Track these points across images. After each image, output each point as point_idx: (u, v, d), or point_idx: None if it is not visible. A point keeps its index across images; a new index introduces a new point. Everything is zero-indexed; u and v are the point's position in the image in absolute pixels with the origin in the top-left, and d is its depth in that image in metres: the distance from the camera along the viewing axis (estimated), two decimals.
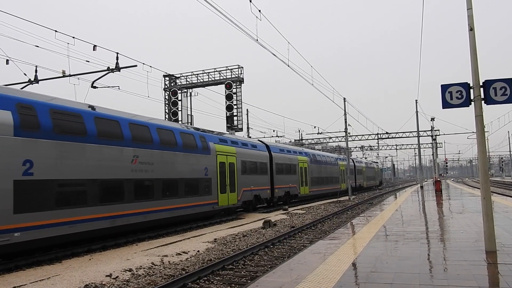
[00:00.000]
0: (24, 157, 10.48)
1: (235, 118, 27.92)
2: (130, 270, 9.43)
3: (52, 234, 11.13)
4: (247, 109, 42.84)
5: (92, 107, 13.57)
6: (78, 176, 12.08)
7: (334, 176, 41.10)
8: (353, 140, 55.82)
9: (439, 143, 60.87)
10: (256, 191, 24.08)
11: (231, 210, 21.67)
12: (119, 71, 19.31)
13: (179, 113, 29.59)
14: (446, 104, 7.80)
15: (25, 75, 19.34)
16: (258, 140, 28.72)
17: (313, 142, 60.38)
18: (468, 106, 7.72)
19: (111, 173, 13.28)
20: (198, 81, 30.11)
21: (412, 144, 71.56)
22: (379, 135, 54.53)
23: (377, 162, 78.52)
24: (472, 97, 7.60)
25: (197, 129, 20.01)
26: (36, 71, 19.66)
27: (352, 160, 52.95)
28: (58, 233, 11.31)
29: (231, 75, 28.80)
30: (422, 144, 56.96)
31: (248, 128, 41.55)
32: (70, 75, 19.72)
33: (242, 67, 28.64)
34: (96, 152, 12.74)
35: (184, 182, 16.98)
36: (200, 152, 18.49)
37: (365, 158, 77.28)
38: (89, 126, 12.65)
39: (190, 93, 30.38)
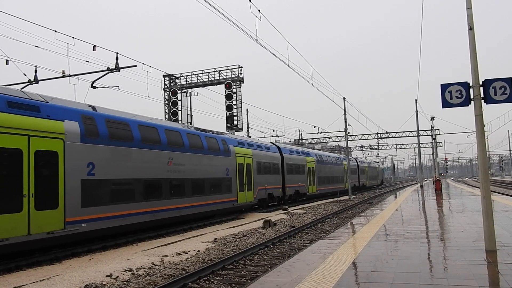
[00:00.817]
0: (88, 160, 12.39)
1: (235, 118, 27.93)
2: (130, 270, 9.44)
3: (109, 226, 12.99)
4: (247, 109, 42.82)
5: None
6: (127, 176, 13.96)
7: (339, 176, 42.86)
8: (353, 140, 55.83)
9: (439, 142, 60.88)
10: (270, 189, 25.87)
11: (248, 207, 23.34)
12: (119, 71, 19.31)
13: (179, 113, 29.60)
14: (446, 104, 7.80)
15: (25, 75, 19.35)
16: (270, 142, 30.33)
17: (313, 142, 60.38)
18: (468, 106, 7.72)
19: (152, 173, 15.15)
20: (198, 81, 30.11)
21: (412, 144, 71.59)
22: (379, 135, 54.54)
23: (378, 162, 79.60)
24: (471, 97, 7.60)
25: (220, 133, 22.10)
26: (36, 71, 19.66)
27: (356, 160, 54.73)
28: (113, 224, 13.16)
29: (231, 75, 28.80)
30: (422, 143, 56.99)
31: (248, 128, 41.54)
32: (70, 75, 19.72)
33: (242, 67, 28.64)
34: (140, 155, 14.64)
35: (209, 181, 18.88)
36: (222, 154, 20.38)
37: (365, 157, 77.32)
38: (134, 133, 14.59)
39: (190, 93, 30.37)
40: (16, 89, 11.80)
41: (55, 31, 16.53)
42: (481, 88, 7.53)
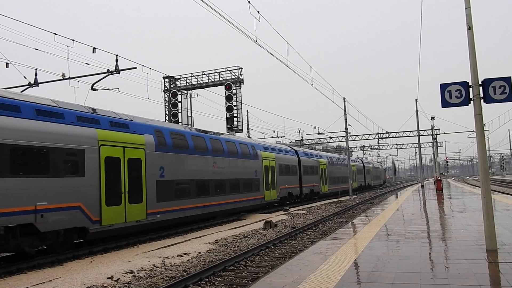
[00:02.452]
0: (160, 165, 15.39)
1: (235, 119, 27.94)
2: (132, 272, 9.44)
3: (174, 217, 16.05)
4: (247, 110, 42.96)
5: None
6: (185, 177, 17.04)
7: (347, 176, 45.37)
8: (353, 140, 55.82)
9: (440, 142, 60.86)
10: (290, 188, 29.12)
11: (272, 204, 26.51)
12: (119, 73, 19.32)
13: (179, 114, 29.62)
14: (445, 103, 7.81)
15: (25, 78, 19.35)
16: (288, 146, 34.10)
17: (313, 142, 60.34)
18: (468, 105, 7.73)
19: (202, 175, 18.20)
20: (198, 82, 30.12)
21: (412, 144, 71.47)
22: (379, 135, 54.51)
23: (380, 163, 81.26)
24: (471, 96, 7.61)
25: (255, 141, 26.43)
26: (36, 74, 19.65)
27: (362, 161, 57.98)
28: (177, 216, 16.23)
29: (231, 76, 28.81)
30: (422, 143, 56.95)
31: (248, 129, 41.53)
32: (70, 78, 19.72)
33: (241, 68, 28.65)
34: (193, 160, 17.67)
35: (243, 181, 22.03)
36: (252, 158, 23.60)
37: (366, 158, 77.41)
38: (189, 142, 17.65)
39: (190, 95, 30.39)
40: (109, 110, 14.51)
41: (55, 33, 16.56)
42: (481, 88, 7.54)
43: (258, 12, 14.60)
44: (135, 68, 19.56)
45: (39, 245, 11.21)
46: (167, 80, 30.42)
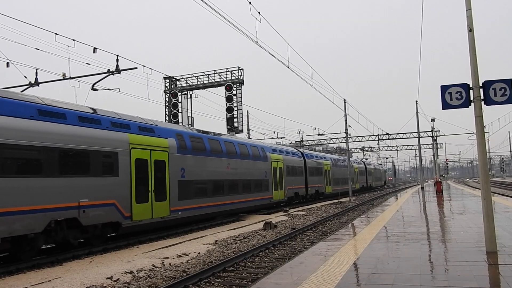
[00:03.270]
0: (181, 166, 16.67)
1: (235, 119, 27.93)
2: (131, 272, 9.43)
3: (193, 214, 17.33)
4: (247, 111, 42.92)
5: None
6: (203, 177, 18.27)
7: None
8: (353, 141, 55.79)
9: (440, 143, 60.83)
10: (296, 189, 30.41)
11: (280, 203, 27.84)
12: (120, 73, 19.30)
13: (180, 115, 29.61)
14: (446, 105, 7.81)
15: (26, 77, 19.34)
16: (295, 148, 35.53)
17: (313, 143, 60.32)
18: (468, 107, 7.72)
19: (217, 176, 19.50)
20: (198, 83, 30.12)
21: (412, 145, 71.52)
22: (379, 136, 54.48)
23: (381, 164, 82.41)
24: (471, 98, 7.61)
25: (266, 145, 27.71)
26: (36, 73, 19.63)
27: (364, 163, 59.56)
28: (196, 213, 17.50)
29: (231, 77, 28.80)
30: (422, 145, 57.00)
31: (248, 129, 41.51)
32: (70, 78, 19.70)
33: (242, 69, 28.64)
34: (210, 161, 18.97)
35: (254, 182, 23.37)
36: (262, 160, 24.92)
37: (366, 159, 77.42)
38: (206, 145, 18.85)
39: (191, 95, 30.38)
40: (136, 116, 15.66)
41: (56, 33, 16.55)
42: (481, 90, 7.53)
43: (259, 13, 14.61)
44: (136, 68, 19.55)
45: (80, 238, 12.52)
46: (167, 80, 30.42)
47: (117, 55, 18.97)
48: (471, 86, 7.61)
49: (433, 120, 44.03)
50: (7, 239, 10.05)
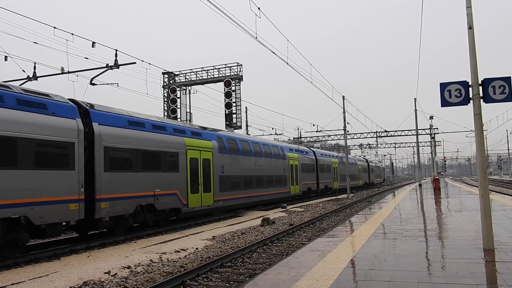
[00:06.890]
0: (221, 164, 19.95)
1: (234, 115, 27.92)
2: (129, 267, 9.44)
3: (230, 204, 20.71)
4: (246, 107, 42.83)
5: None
6: (237, 173, 21.53)
7: (354, 174, 50.43)
8: (352, 138, 55.89)
9: (438, 141, 61.00)
10: (309, 184, 33.87)
11: (295, 197, 31.04)
12: (118, 68, 19.23)
13: (178, 110, 29.56)
14: (445, 103, 7.81)
15: (24, 71, 19.24)
16: (307, 147, 38.70)
17: (312, 140, 60.33)
18: (467, 105, 7.73)
19: (247, 172, 22.80)
20: (197, 78, 30.06)
21: (410, 143, 71.74)
22: (378, 133, 54.56)
23: (381, 162, 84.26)
24: (471, 95, 7.61)
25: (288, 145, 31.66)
26: (34, 67, 19.54)
27: (367, 161, 61.83)
28: (231, 203, 20.90)
29: (230, 72, 28.75)
30: (420, 142, 57.09)
31: (247, 125, 41.48)
32: (69, 72, 19.62)
33: (241, 65, 28.59)
34: (242, 160, 22.27)
35: (275, 177, 26.54)
36: (281, 158, 27.98)
37: (364, 156, 77.59)
38: (238, 146, 22.12)
39: (189, 91, 30.33)
40: (184, 121, 18.47)
41: (54, 27, 16.46)
42: (480, 87, 7.53)
43: (259, 8, 14.55)
44: (135, 63, 19.48)
45: (154, 219, 15.46)
46: (166, 75, 30.35)
47: (116, 50, 18.89)
48: (470, 83, 7.61)
49: (431, 117, 44.12)
50: (113, 217, 13.29)
